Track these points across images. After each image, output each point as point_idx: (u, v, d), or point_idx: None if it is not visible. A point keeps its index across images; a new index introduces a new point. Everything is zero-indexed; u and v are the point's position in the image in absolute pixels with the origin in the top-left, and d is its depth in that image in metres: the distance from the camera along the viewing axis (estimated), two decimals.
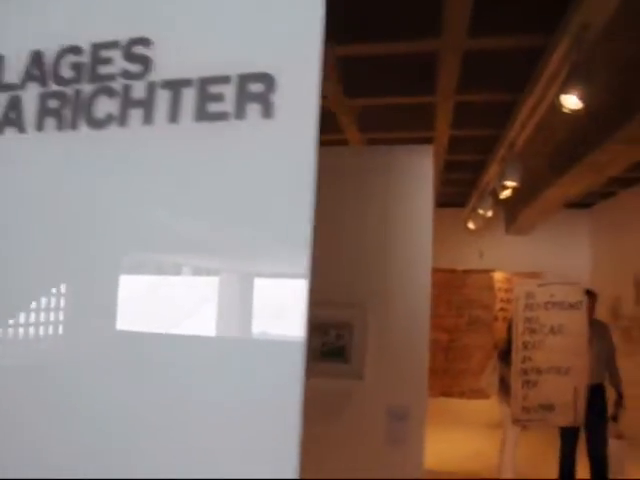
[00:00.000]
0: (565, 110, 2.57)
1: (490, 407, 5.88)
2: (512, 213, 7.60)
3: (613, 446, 4.11)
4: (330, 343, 2.54)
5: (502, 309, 6.28)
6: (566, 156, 5.17)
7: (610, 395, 4.32)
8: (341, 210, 2.63)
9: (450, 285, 5.01)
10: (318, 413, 2.66)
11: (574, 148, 4.98)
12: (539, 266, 6.94)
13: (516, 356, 3.85)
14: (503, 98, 3.99)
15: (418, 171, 2.64)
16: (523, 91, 3.77)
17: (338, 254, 2.61)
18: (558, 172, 5.40)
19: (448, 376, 4.94)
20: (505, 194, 4.56)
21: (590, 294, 4.38)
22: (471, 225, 6.89)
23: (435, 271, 5.32)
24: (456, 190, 7.09)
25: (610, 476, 4.14)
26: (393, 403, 2.48)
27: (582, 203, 8.10)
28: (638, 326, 6.63)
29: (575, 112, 2.58)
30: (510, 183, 4.20)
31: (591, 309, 4.34)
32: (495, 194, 5.33)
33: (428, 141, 4.99)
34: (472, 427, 6.94)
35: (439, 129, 4.57)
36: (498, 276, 6.10)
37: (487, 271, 5.10)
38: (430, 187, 2.60)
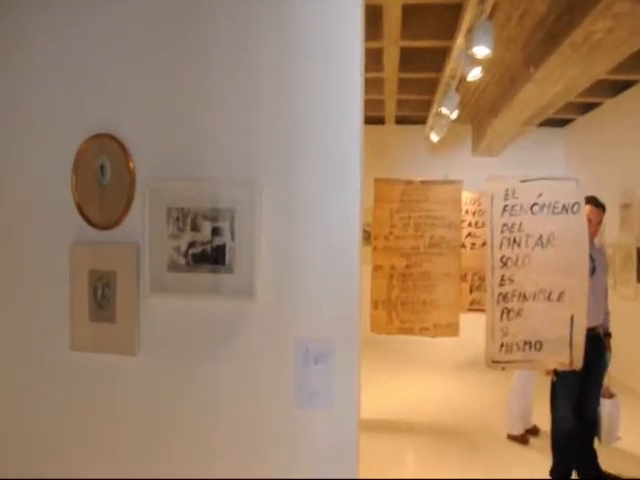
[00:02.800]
0: None
1: (460, 346, 5.07)
2: (480, 128, 6.66)
3: (605, 406, 3.33)
4: (203, 242, 1.56)
5: (470, 234, 5.41)
6: (545, 37, 4.20)
7: None
8: (232, 56, 1.59)
9: (407, 200, 4.07)
10: (187, 347, 1.70)
11: (554, 24, 4.00)
12: None
13: (492, 276, 2.92)
14: None
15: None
16: None
17: (220, 115, 1.59)
18: (535, 62, 4.43)
19: (407, 309, 4.05)
20: (474, 74, 3.56)
21: (597, 205, 3.42)
22: (434, 136, 5.90)
23: (388, 183, 4.39)
24: (415, 99, 6.07)
25: (604, 441, 3.37)
26: (304, 335, 1.53)
27: (557, 119, 7.21)
28: (624, 254, 5.87)
29: None
30: (482, 51, 3.20)
31: (597, 226, 3.40)
32: (461, 85, 4.35)
33: (378, 15, 3.93)
34: (438, 369, 6.16)
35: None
36: (465, 196, 5.19)
37: (453, 182, 4.16)
38: (359, 29, 1.55)
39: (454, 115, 4.86)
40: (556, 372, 3.22)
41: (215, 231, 1.54)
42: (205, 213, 1.55)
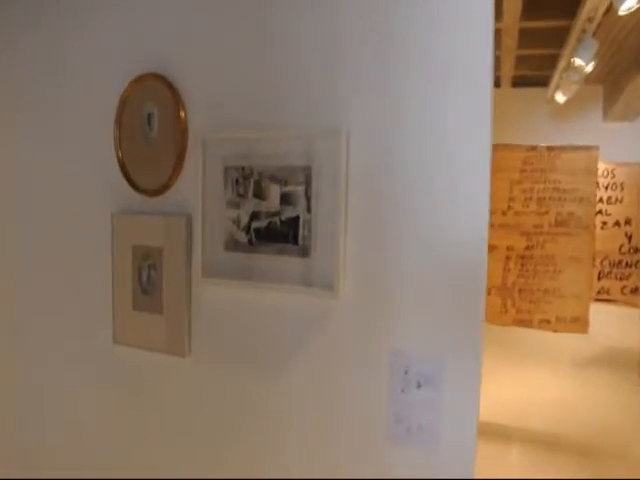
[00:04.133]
0: None
1: (582, 339, 4.34)
2: (615, 88, 5.72)
3: None
4: (270, 212, 1.16)
5: (601, 212, 4.64)
6: None
7: None
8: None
9: (529, 169, 3.44)
10: (247, 351, 1.31)
11: None
12: None
13: None
14: None
15: None
16: None
17: (295, 49, 1.17)
18: None
19: (525, 298, 3.47)
20: (628, 5, 2.81)
21: None
22: (560, 97, 5.10)
23: (507, 149, 3.77)
24: (538, 54, 5.27)
25: None
26: (403, 349, 1.09)
27: None
28: None
29: None
30: None
31: None
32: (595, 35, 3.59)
33: None
34: (554, 365, 5.43)
35: None
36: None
37: (587, 149, 3.47)
38: None
39: (590, 67, 4.09)
40: None
41: (285, 198, 1.13)
42: (272, 173, 1.14)
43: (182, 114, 1.25)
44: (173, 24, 1.27)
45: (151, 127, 1.29)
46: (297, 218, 1.12)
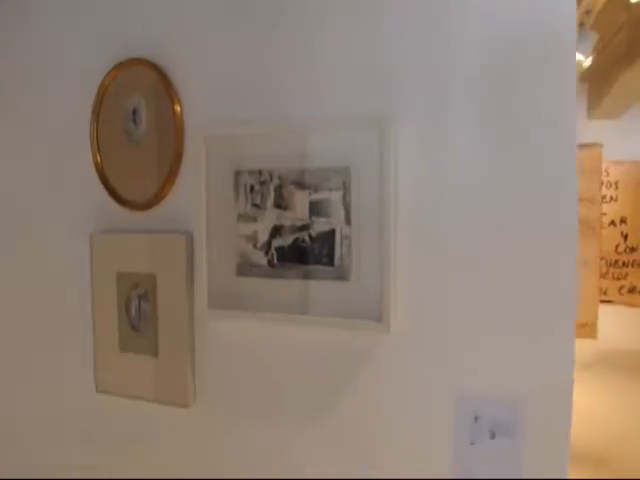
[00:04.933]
0: None
1: (589, 346, 4.19)
2: (602, 85, 5.64)
3: None
4: (296, 226, 0.92)
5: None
6: None
7: None
8: None
9: None
10: (267, 398, 1.04)
11: None
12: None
13: None
14: None
15: None
16: None
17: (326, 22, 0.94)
18: None
19: None
20: None
21: None
22: None
23: None
24: None
25: None
26: (472, 391, 0.87)
27: None
28: None
29: None
30: None
31: None
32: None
33: None
34: None
35: None
36: None
37: (590, 146, 3.30)
38: None
39: (588, 62, 3.95)
40: None
41: (316, 208, 0.89)
42: (298, 178, 0.90)
43: (177, 107, 1.00)
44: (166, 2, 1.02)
45: (137, 124, 1.04)
46: (332, 232, 0.88)
